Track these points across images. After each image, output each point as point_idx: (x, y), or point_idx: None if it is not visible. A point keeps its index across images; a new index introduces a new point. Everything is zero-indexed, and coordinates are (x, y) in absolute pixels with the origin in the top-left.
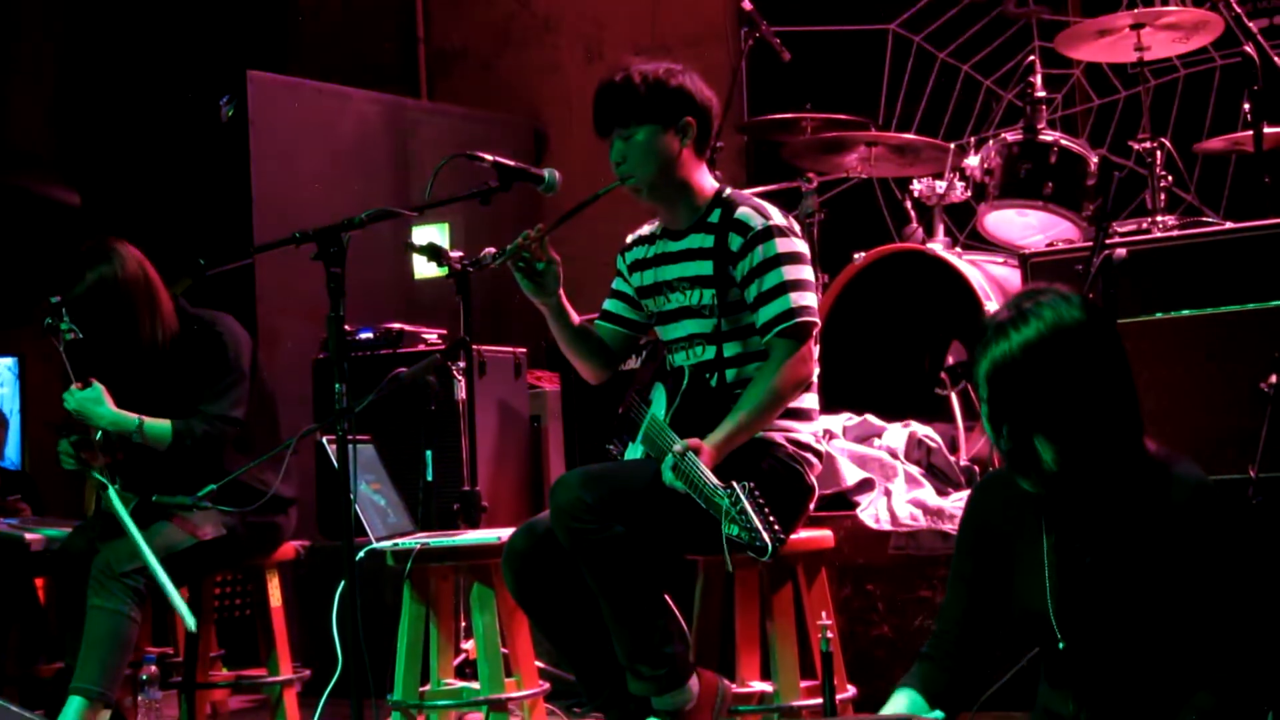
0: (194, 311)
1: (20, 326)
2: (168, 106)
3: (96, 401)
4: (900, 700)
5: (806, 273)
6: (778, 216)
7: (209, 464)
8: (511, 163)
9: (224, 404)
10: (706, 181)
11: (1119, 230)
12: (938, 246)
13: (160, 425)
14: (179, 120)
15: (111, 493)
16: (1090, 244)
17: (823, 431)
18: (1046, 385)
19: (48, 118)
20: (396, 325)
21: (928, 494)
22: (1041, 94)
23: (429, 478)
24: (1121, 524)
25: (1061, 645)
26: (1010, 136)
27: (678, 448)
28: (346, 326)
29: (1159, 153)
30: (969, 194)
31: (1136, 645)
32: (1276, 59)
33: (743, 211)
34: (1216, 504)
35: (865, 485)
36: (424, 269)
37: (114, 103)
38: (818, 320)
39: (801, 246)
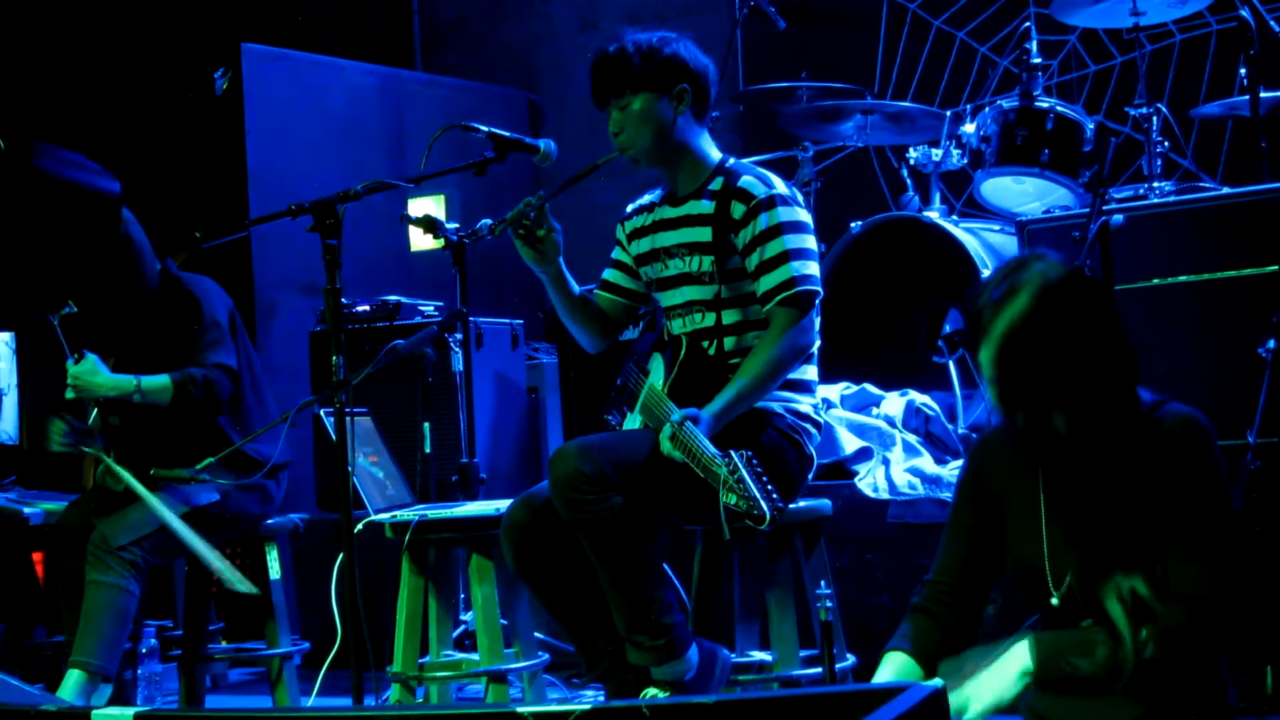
0: (176, 274)
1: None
2: (162, 79)
3: (92, 372)
4: (891, 667)
5: (810, 242)
6: (781, 185)
7: (204, 432)
8: (507, 133)
9: (214, 354)
10: (709, 149)
11: (1116, 196)
12: (934, 214)
13: (158, 379)
14: (173, 93)
15: (119, 469)
16: (1087, 210)
17: (821, 401)
18: (1051, 348)
19: (41, 92)
20: (393, 297)
21: (926, 462)
22: (1037, 60)
23: (427, 450)
24: (1117, 473)
25: (1055, 601)
26: (1006, 103)
27: (675, 417)
28: (343, 299)
29: (1155, 118)
30: (965, 161)
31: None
32: (1273, 23)
33: (746, 180)
34: (1205, 432)
35: (863, 454)
36: (420, 241)
37: (108, 75)
38: (820, 290)
39: (805, 215)
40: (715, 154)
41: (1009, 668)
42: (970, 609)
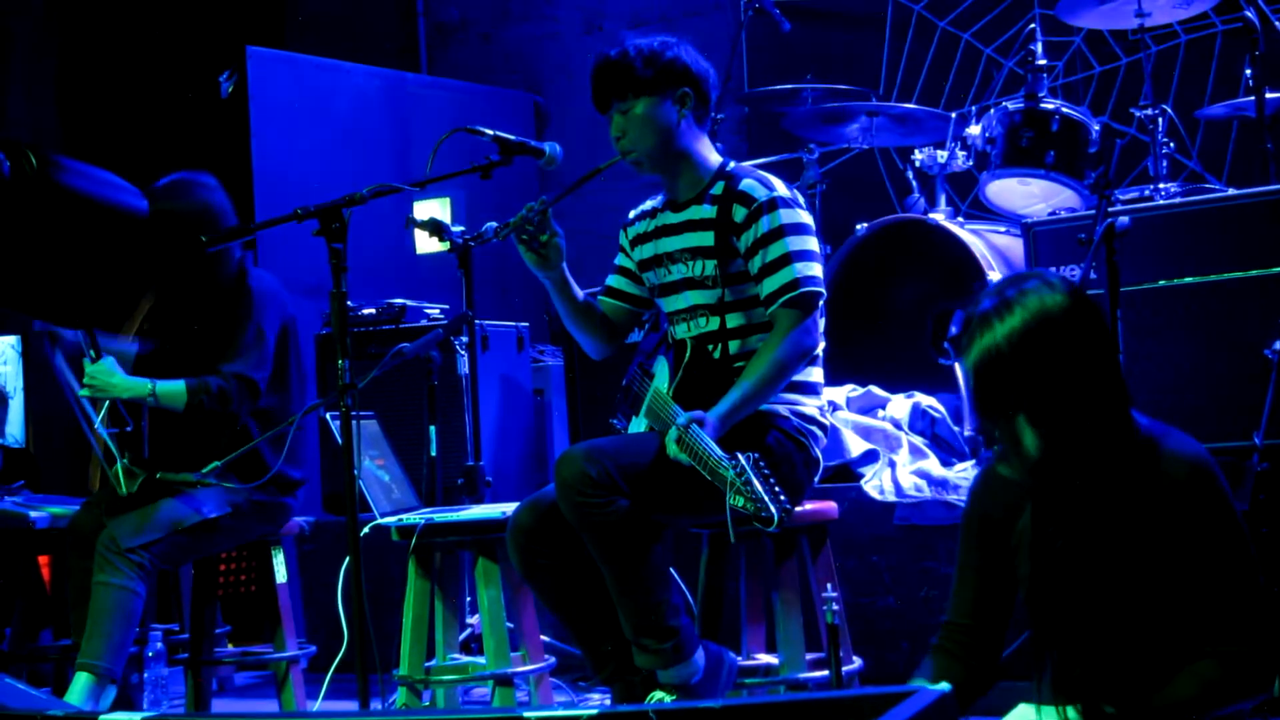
0: (247, 267)
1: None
2: (167, 83)
3: (109, 373)
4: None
5: (812, 243)
6: (782, 188)
7: (223, 438)
8: (512, 136)
9: (242, 362)
10: (709, 153)
11: (1121, 198)
12: (940, 216)
13: (174, 385)
14: (179, 96)
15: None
16: (1092, 212)
17: (827, 403)
18: (1032, 374)
19: (48, 95)
20: (399, 300)
21: (932, 465)
22: (1042, 62)
23: (433, 453)
24: (1109, 504)
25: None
26: (1011, 105)
27: (681, 420)
28: (349, 302)
29: (1161, 120)
30: (971, 163)
31: (1119, 626)
32: (1278, 23)
33: (747, 183)
34: (1213, 475)
35: (869, 457)
36: (426, 244)
37: (114, 79)
38: (823, 291)
39: (806, 218)
40: (715, 158)
41: None
42: (989, 645)
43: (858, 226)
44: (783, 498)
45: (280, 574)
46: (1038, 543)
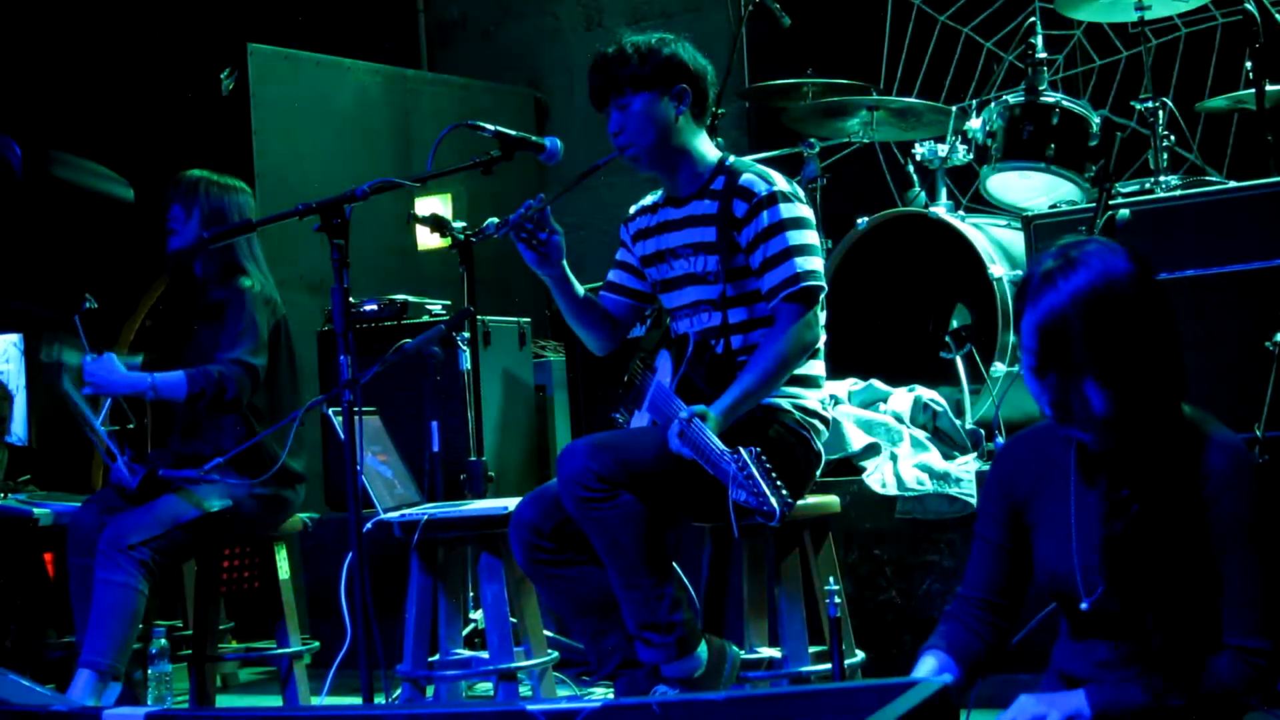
0: (240, 265)
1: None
2: (169, 80)
3: (109, 370)
4: (928, 663)
5: (812, 237)
6: (782, 182)
7: (227, 431)
8: (513, 132)
9: (239, 350)
10: (708, 149)
11: (1122, 191)
12: (941, 210)
13: (172, 376)
14: (179, 94)
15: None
16: (1093, 205)
17: (829, 397)
18: (1098, 334)
19: (48, 93)
20: (400, 296)
21: (934, 458)
22: (1043, 55)
23: (435, 448)
24: (1155, 484)
25: (1084, 606)
26: (1012, 99)
27: (684, 414)
28: (350, 298)
29: (1161, 112)
30: (971, 157)
31: (1166, 603)
32: (1278, 16)
33: (747, 178)
34: (1254, 469)
35: (871, 450)
36: (427, 240)
37: (116, 76)
38: (825, 285)
39: (807, 212)
40: (714, 153)
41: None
42: (1004, 620)
43: (859, 220)
44: (784, 492)
45: (283, 570)
46: (1114, 507)
